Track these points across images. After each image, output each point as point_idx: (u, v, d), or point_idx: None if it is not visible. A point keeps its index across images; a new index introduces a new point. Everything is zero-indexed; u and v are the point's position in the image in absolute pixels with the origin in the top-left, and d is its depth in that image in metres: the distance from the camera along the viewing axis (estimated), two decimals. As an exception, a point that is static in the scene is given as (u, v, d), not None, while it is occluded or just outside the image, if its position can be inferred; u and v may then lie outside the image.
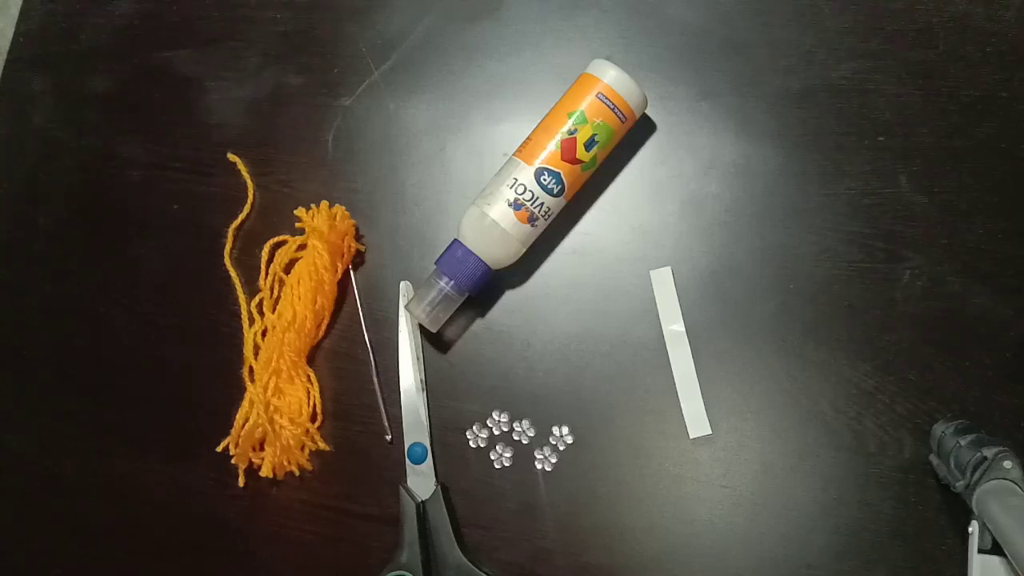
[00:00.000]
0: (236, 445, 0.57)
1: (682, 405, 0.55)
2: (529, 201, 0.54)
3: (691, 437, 0.55)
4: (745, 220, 0.57)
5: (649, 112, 0.59)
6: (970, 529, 0.47)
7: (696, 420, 0.55)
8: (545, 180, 0.55)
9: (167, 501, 0.59)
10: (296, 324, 0.58)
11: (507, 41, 0.63)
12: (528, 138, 0.56)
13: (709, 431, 0.55)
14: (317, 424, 0.58)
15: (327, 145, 0.63)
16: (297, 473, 0.58)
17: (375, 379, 0.59)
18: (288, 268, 0.60)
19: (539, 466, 0.56)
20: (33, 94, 0.68)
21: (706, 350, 0.56)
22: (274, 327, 0.58)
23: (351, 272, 0.60)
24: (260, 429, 0.57)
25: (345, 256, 0.60)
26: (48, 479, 0.61)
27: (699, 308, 0.57)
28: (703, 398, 0.55)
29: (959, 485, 0.48)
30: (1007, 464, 0.46)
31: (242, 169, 0.63)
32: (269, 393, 0.57)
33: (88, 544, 0.60)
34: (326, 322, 0.59)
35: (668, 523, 0.55)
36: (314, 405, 0.58)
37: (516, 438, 0.57)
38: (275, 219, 0.62)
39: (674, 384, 0.56)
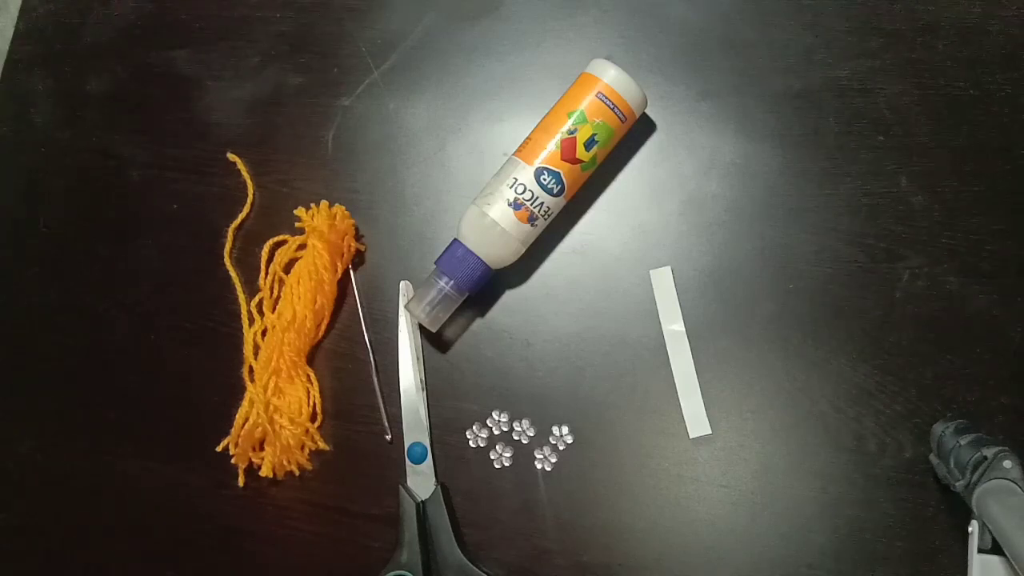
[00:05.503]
0: (236, 445, 0.57)
1: (682, 405, 0.55)
2: (529, 201, 0.54)
3: (691, 437, 0.55)
4: (745, 220, 0.58)
5: (649, 112, 0.59)
6: (970, 529, 0.47)
7: (696, 420, 0.55)
8: (545, 180, 0.55)
9: (167, 501, 0.59)
10: (296, 324, 0.58)
11: (507, 40, 0.63)
12: (528, 138, 0.56)
13: (709, 431, 0.55)
14: (317, 424, 0.58)
15: (327, 145, 0.63)
16: (297, 473, 0.58)
17: (375, 379, 0.59)
18: (288, 268, 0.60)
19: (539, 466, 0.56)
20: (33, 94, 0.68)
21: (706, 350, 0.56)
22: (274, 327, 0.58)
23: (351, 272, 0.60)
24: (260, 429, 0.57)
25: (345, 256, 0.60)
26: (48, 479, 0.61)
27: (699, 308, 0.57)
28: (703, 398, 0.55)
29: (959, 485, 0.48)
30: (1007, 464, 0.46)
31: (242, 169, 0.63)
32: (269, 393, 0.57)
33: (88, 544, 0.60)
34: (326, 322, 0.59)
35: (668, 523, 0.55)
36: (314, 405, 0.58)
37: (516, 438, 0.57)
38: (275, 219, 0.62)
39: (674, 384, 0.56)
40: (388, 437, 0.58)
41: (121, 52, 0.67)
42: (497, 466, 0.57)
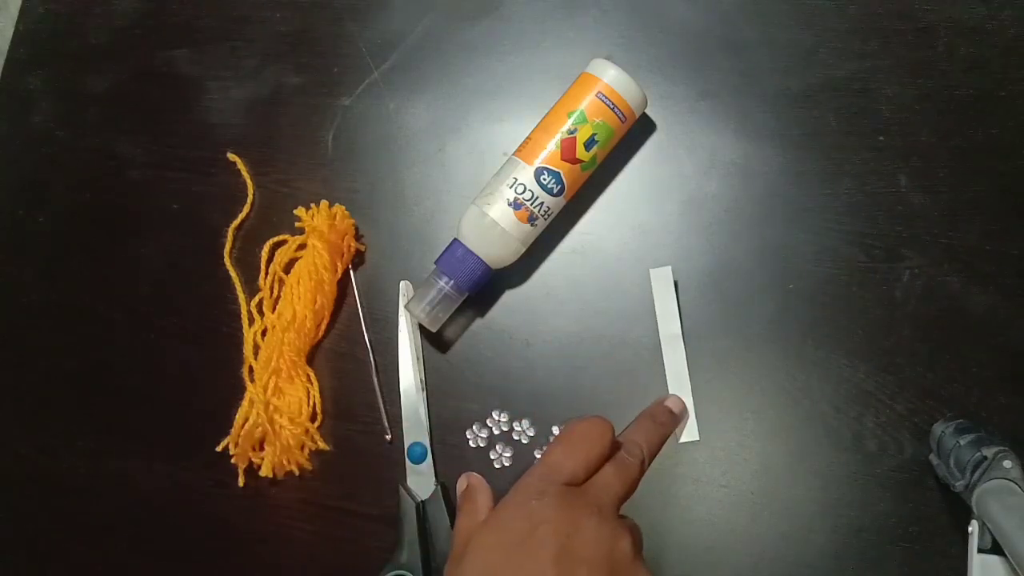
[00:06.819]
0: (236, 445, 0.57)
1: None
2: (529, 201, 0.54)
3: (679, 442, 0.53)
4: (745, 220, 0.57)
5: (649, 112, 0.59)
6: (970, 529, 0.47)
7: (686, 426, 0.53)
8: (545, 180, 0.55)
9: (167, 501, 0.59)
10: (296, 324, 0.58)
11: (507, 40, 0.63)
12: (528, 138, 0.56)
13: (697, 437, 0.53)
14: (317, 424, 0.58)
15: (327, 145, 0.63)
16: (297, 473, 0.58)
17: (375, 379, 0.59)
18: (288, 268, 0.60)
19: (539, 466, 0.56)
20: (33, 94, 0.68)
21: (706, 350, 0.56)
22: (274, 327, 0.58)
23: (351, 272, 0.60)
24: (260, 429, 0.57)
25: (345, 256, 0.60)
26: (48, 479, 0.61)
27: (699, 308, 0.57)
28: (701, 399, 0.55)
29: (959, 485, 0.48)
30: (1007, 464, 0.46)
31: (242, 169, 0.63)
32: (269, 393, 0.57)
33: (88, 544, 0.60)
34: (326, 322, 0.59)
35: (668, 523, 0.55)
36: (314, 405, 0.58)
37: (516, 438, 0.57)
38: (275, 219, 0.62)
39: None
40: (388, 437, 0.58)
41: (121, 52, 0.67)
42: (497, 466, 0.57)
